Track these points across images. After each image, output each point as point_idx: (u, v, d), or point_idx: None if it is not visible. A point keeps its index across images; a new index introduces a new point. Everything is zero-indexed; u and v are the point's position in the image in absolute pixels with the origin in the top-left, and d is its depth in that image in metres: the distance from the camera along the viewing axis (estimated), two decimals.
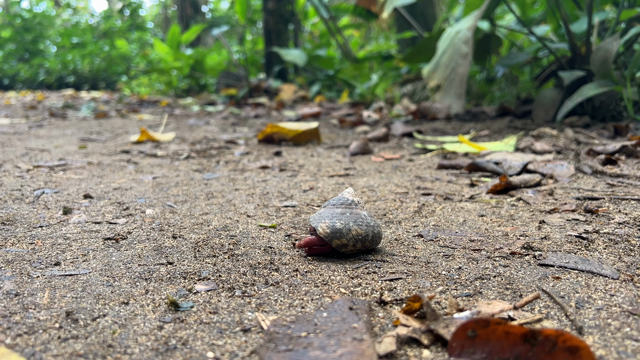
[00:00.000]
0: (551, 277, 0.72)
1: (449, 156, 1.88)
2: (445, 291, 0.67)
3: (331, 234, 0.78)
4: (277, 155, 1.94)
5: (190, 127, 3.07)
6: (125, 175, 1.54)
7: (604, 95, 2.63)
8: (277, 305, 0.63)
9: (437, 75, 3.17)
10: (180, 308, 0.62)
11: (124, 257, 0.81)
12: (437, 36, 3.79)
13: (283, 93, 5.70)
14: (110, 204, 1.16)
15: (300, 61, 5.60)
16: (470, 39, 2.95)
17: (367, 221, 0.80)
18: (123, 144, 2.30)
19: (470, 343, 0.50)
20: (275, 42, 6.46)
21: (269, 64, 6.58)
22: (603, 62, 2.39)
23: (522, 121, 2.79)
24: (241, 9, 7.26)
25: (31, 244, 0.88)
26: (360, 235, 0.78)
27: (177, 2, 13.86)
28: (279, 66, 6.40)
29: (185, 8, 13.84)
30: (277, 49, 5.79)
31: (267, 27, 6.54)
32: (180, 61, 7.74)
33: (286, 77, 6.52)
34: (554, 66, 2.94)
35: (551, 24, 3.91)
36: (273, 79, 6.19)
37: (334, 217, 0.80)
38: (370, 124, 3.00)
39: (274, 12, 6.41)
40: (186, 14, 13.77)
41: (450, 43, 3.17)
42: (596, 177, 1.46)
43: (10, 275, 0.73)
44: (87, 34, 13.56)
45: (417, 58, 4.07)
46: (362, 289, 0.68)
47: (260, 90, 5.90)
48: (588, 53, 2.81)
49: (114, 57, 12.06)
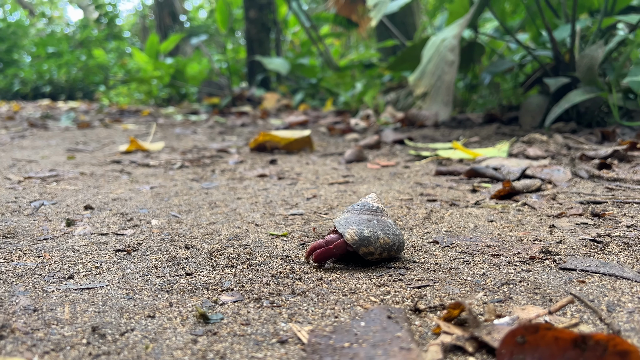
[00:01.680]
0: (576, 281, 0.72)
1: (444, 162, 1.89)
2: (464, 297, 0.66)
3: (359, 241, 0.77)
4: (273, 164, 1.92)
5: (178, 137, 3.04)
6: (121, 185, 1.51)
7: (589, 102, 2.68)
8: (310, 315, 0.62)
9: (423, 83, 3.19)
10: (210, 320, 0.61)
11: (140, 269, 0.78)
12: (421, 44, 3.82)
13: (266, 102, 5.69)
14: (113, 215, 1.13)
15: (283, 70, 5.60)
16: (457, 47, 2.98)
17: (394, 230, 0.79)
18: (112, 154, 2.26)
19: (519, 349, 0.49)
20: (257, 51, 6.45)
21: (251, 73, 6.56)
22: (589, 69, 2.43)
23: (509, 127, 2.82)
24: (222, 18, 7.24)
25: (39, 257, 0.85)
26: (387, 244, 0.77)
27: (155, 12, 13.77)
28: (262, 75, 6.39)
29: (164, 17, 13.75)
30: (260, 58, 5.78)
31: (248, 35, 6.53)
32: (160, 70, 7.67)
33: (269, 85, 6.51)
34: (539, 73, 2.99)
35: (530, 32, 3.97)
36: (256, 87, 6.17)
37: (361, 224, 0.79)
38: (359, 131, 3.00)
39: (256, 21, 6.40)
40: (164, 23, 13.68)
41: (436, 51, 3.20)
42: (593, 181, 1.48)
43: (25, 290, 0.70)
44: (63, 44, 13.37)
45: (402, 66, 4.10)
46: (391, 297, 0.67)
47: (243, 99, 5.88)
48: (572, 60, 2.86)
49: (92, 67, 11.90)
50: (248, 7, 6.41)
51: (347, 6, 8.69)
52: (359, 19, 9.06)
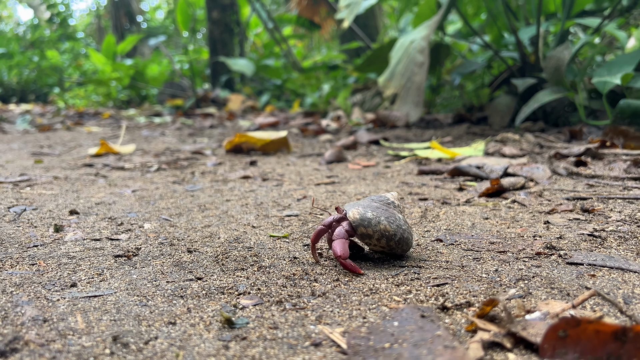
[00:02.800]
0: (587, 275, 0.73)
1: (424, 162, 1.91)
2: (497, 294, 0.66)
3: (360, 219, 0.77)
4: (253, 165, 1.90)
5: (146, 139, 2.96)
6: (100, 189, 1.46)
7: (555, 101, 2.76)
8: (337, 316, 0.61)
9: (393, 84, 3.22)
10: (236, 325, 0.59)
11: (146, 275, 0.75)
12: (388, 46, 3.86)
13: (231, 103, 5.63)
14: (101, 220, 1.09)
15: (248, 71, 5.55)
16: (426, 48, 3.02)
17: (400, 223, 0.79)
18: (81, 158, 2.18)
19: (561, 344, 0.49)
20: (221, 52, 6.38)
21: (214, 74, 6.48)
22: (556, 70, 2.51)
23: (479, 127, 2.88)
24: (183, 18, 7.12)
25: (33, 265, 0.81)
26: (387, 232, 0.77)
27: (110, 12, 13.43)
28: (226, 76, 6.31)
29: (120, 17, 13.44)
30: (224, 59, 5.72)
31: (212, 36, 6.45)
32: (119, 72, 7.48)
33: (233, 87, 6.44)
34: (506, 74, 3.06)
35: (490, 34, 4.07)
36: (220, 89, 6.10)
37: (367, 208, 0.80)
38: (332, 132, 3.00)
39: (219, 22, 6.33)
40: (121, 24, 13.36)
41: (405, 52, 3.24)
42: (572, 178, 1.52)
43: (27, 300, 0.67)
44: (13, 44, 12.87)
45: (370, 68, 4.13)
46: (414, 296, 0.66)
47: (208, 100, 5.80)
48: (537, 61, 2.94)
49: (45, 68, 11.50)
50: (211, 7, 6.33)
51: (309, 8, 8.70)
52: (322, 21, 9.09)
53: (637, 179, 1.44)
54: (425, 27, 3.23)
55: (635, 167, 1.58)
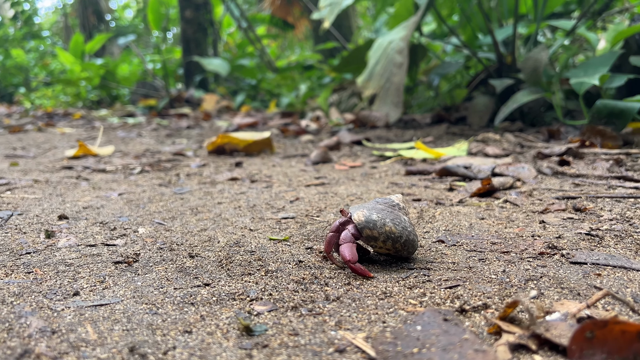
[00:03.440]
0: (593, 275, 0.74)
1: (409, 162, 1.91)
2: (511, 295, 0.67)
3: (365, 222, 0.77)
4: (238, 166, 1.87)
5: (123, 140, 2.90)
6: (85, 192, 1.42)
7: (532, 102, 2.81)
8: (356, 322, 0.60)
9: (371, 85, 3.23)
10: (255, 332, 0.57)
11: (151, 282, 0.73)
12: (366, 47, 3.87)
13: (206, 103, 5.57)
14: (92, 224, 1.06)
15: (222, 71, 5.50)
16: (405, 49, 3.04)
17: (405, 225, 0.79)
18: (58, 160, 2.12)
19: (588, 345, 0.50)
20: (195, 52, 6.30)
21: (188, 74, 6.40)
22: (534, 71, 2.55)
23: (458, 127, 2.91)
24: (154, 17, 7.00)
25: (29, 273, 0.78)
26: (393, 234, 0.77)
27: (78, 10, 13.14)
28: (199, 76, 6.24)
29: (88, 16, 13.17)
30: (198, 59, 5.65)
31: (185, 36, 6.37)
32: (88, 71, 7.32)
33: (207, 87, 6.38)
34: (483, 75, 3.10)
35: (464, 35, 4.12)
36: (194, 89, 6.03)
37: (372, 210, 0.80)
38: (313, 132, 3.00)
39: (192, 21, 6.25)
40: (89, 23, 13.09)
41: (384, 53, 3.25)
42: (557, 177, 1.55)
43: (31, 310, 0.64)
44: None
45: (347, 68, 4.14)
46: (429, 299, 0.66)
47: (182, 100, 5.72)
48: (514, 62, 2.99)
49: (9, 68, 11.17)
50: (184, 6, 6.24)
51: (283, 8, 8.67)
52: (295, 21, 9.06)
53: (620, 177, 1.48)
54: (404, 27, 3.25)
55: (618, 166, 1.62)
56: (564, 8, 3.76)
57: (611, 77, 2.29)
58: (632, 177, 1.45)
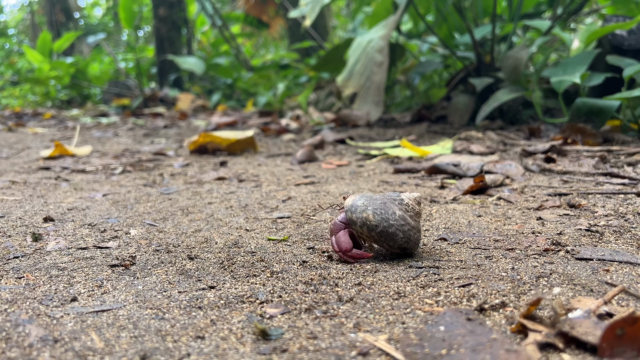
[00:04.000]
0: (602, 271, 0.74)
1: (396, 161, 1.91)
2: (526, 292, 0.66)
3: (349, 206, 0.81)
4: (223, 166, 1.84)
5: (100, 140, 2.83)
6: (67, 194, 1.37)
7: (511, 100, 2.84)
8: (375, 323, 0.58)
9: (351, 84, 3.22)
10: (271, 336, 0.55)
11: (152, 285, 0.70)
12: (344, 46, 3.86)
13: (181, 102, 5.48)
14: (80, 227, 1.01)
15: (198, 69, 5.42)
16: (385, 48, 3.04)
17: (387, 217, 0.79)
18: (34, 160, 2.05)
19: (618, 342, 0.49)
20: (168, 50, 6.20)
21: (162, 73, 6.30)
22: (514, 69, 2.58)
23: (439, 126, 2.92)
24: (126, 15, 6.87)
25: (20, 278, 0.73)
26: (368, 222, 0.78)
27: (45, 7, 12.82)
28: (174, 75, 6.15)
29: (56, 14, 12.86)
30: (173, 57, 5.56)
31: (158, 34, 6.26)
32: (58, 70, 7.14)
33: (182, 86, 6.28)
34: (462, 73, 3.12)
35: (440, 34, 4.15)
36: (169, 88, 5.93)
37: (364, 197, 0.82)
38: (294, 131, 2.97)
39: (166, 19, 6.15)
40: (57, 20, 12.79)
41: (363, 52, 3.24)
42: (545, 174, 1.56)
43: (28, 318, 0.60)
44: None
45: (325, 67, 4.12)
46: (444, 297, 0.65)
47: (156, 99, 5.62)
48: (492, 61, 3.02)
49: None
50: (157, 4, 6.14)
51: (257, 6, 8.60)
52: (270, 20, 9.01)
53: (606, 174, 1.49)
54: (383, 26, 3.25)
55: (603, 163, 1.64)
56: (535, 9, 3.82)
57: (590, 75, 2.33)
58: (618, 174, 1.47)
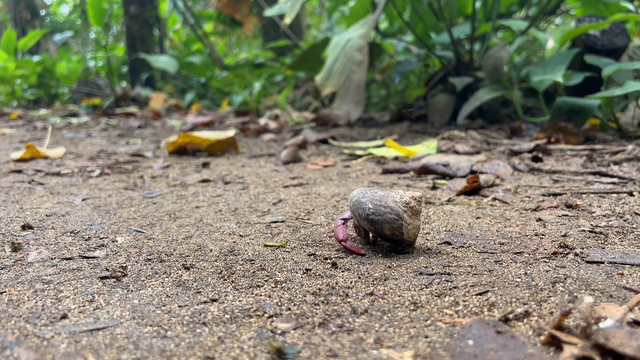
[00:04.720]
0: (616, 274, 0.72)
1: (382, 161, 1.88)
2: (546, 299, 0.63)
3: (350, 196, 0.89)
4: (205, 167, 1.78)
5: (72, 141, 2.73)
6: (44, 198, 1.29)
7: (491, 100, 2.85)
8: (396, 337, 0.54)
9: (330, 83, 3.18)
10: (288, 355, 0.51)
11: (149, 299, 0.65)
12: (322, 45, 3.83)
13: (153, 102, 5.37)
14: (62, 234, 0.95)
15: (171, 68, 5.31)
16: (365, 47, 3.01)
17: (369, 205, 0.83)
18: (3, 163, 1.95)
19: None
20: (140, 49, 6.07)
21: (133, 72, 6.15)
22: (494, 69, 2.58)
23: (420, 125, 2.91)
24: (95, 13, 6.69)
25: (1, 293, 0.67)
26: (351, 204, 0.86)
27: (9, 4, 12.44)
28: (146, 74, 6.01)
29: (20, 11, 12.50)
30: (145, 56, 5.44)
31: (129, 32, 6.12)
32: (24, 69, 6.91)
33: (154, 85, 6.16)
34: (442, 73, 3.12)
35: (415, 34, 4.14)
36: (141, 87, 5.80)
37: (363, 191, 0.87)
38: (274, 131, 2.92)
39: (137, 17, 6.02)
40: (21, 18, 12.43)
41: (342, 51, 3.21)
42: (534, 174, 1.55)
43: (15, 339, 0.55)
44: None
45: (302, 66, 4.08)
46: (463, 307, 0.61)
47: (128, 99, 5.49)
48: (471, 60, 3.02)
49: None
50: (128, 2, 6.00)
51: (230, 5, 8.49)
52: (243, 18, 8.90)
53: (595, 173, 1.49)
54: (362, 25, 3.23)
55: (590, 162, 1.64)
56: (507, 9, 3.85)
57: (571, 74, 2.34)
58: (607, 173, 1.47)
